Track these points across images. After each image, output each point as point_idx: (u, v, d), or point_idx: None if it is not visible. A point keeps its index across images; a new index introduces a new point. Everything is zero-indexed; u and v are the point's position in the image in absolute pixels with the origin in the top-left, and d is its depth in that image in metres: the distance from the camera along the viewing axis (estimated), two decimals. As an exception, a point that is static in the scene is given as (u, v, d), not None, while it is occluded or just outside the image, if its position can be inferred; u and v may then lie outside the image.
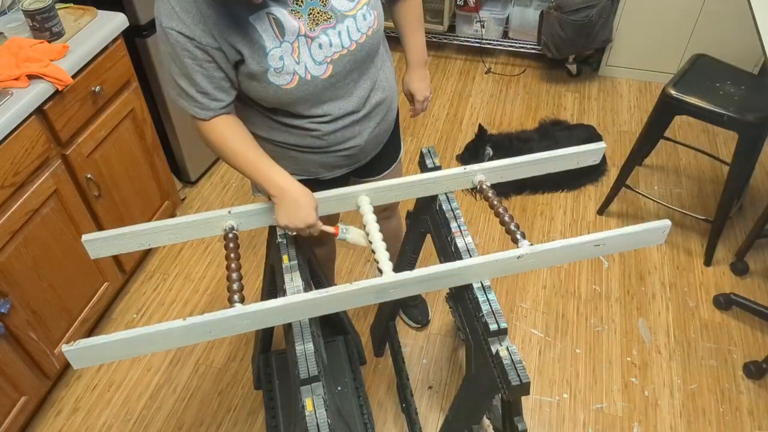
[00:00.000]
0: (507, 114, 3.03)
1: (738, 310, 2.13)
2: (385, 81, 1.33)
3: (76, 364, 0.99)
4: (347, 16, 1.15)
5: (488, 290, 1.12)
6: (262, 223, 1.23)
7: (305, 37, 1.12)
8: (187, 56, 1.06)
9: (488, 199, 1.25)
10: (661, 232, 1.18)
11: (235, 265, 1.10)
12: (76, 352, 0.97)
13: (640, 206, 2.52)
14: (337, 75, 1.19)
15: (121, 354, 1.00)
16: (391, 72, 1.39)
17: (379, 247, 1.13)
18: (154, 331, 0.98)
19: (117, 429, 1.86)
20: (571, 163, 1.35)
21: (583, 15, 2.87)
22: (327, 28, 1.13)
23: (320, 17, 1.12)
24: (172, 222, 1.17)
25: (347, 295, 1.06)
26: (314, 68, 1.15)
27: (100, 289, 2.01)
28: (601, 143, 1.34)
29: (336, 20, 1.14)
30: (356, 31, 1.17)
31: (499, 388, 1.07)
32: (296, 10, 1.10)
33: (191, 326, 0.99)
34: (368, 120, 1.32)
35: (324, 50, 1.14)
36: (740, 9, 2.73)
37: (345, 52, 1.17)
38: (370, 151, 1.41)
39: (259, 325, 1.06)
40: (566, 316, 2.14)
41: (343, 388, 1.73)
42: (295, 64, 1.13)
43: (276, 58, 1.10)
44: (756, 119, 1.92)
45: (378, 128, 1.37)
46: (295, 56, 1.12)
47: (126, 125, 1.99)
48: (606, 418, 1.86)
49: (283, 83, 1.13)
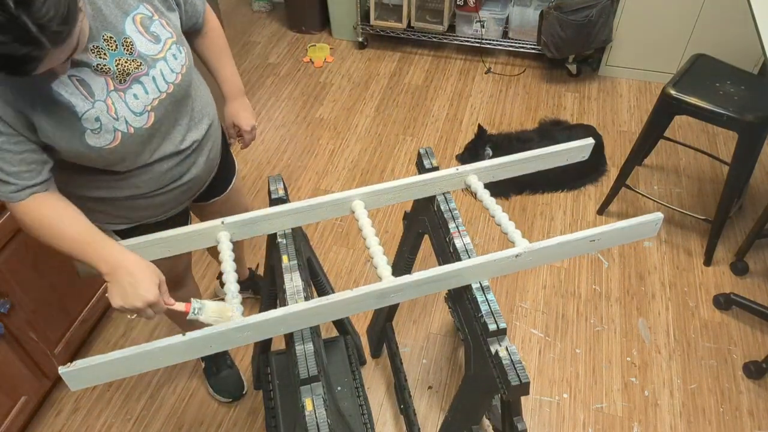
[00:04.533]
0: (507, 114, 3.03)
1: (738, 310, 2.13)
2: (206, 106, 1.30)
3: (73, 386, 0.95)
4: (157, 59, 1.10)
5: (487, 290, 1.12)
6: (256, 232, 1.22)
7: (116, 91, 1.06)
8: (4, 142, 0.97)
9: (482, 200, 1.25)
10: (653, 224, 1.20)
11: (232, 277, 1.09)
12: (74, 374, 0.94)
13: (640, 206, 2.52)
14: (160, 120, 1.14)
15: (120, 373, 0.97)
16: (207, 93, 1.33)
17: (377, 252, 1.13)
18: (153, 348, 0.95)
19: (117, 429, 1.86)
20: (560, 159, 1.37)
21: (583, 15, 2.87)
22: (139, 76, 1.08)
23: (130, 66, 1.06)
24: (164, 235, 1.14)
25: (348, 302, 1.06)
26: (135, 120, 1.09)
27: (100, 289, 2.01)
28: (589, 139, 1.36)
29: (147, 66, 1.08)
30: (170, 73, 1.12)
31: (499, 388, 1.07)
32: (102, 65, 1.03)
33: (191, 341, 0.97)
34: (201, 149, 1.29)
35: (141, 100, 1.09)
36: (740, 9, 2.73)
37: (164, 96, 1.12)
38: (207, 177, 1.38)
39: (260, 336, 1.04)
40: (566, 316, 2.14)
41: (343, 388, 1.73)
42: (114, 121, 1.06)
43: (92, 120, 1.04)
44: (756, 119, 1.92)
45: (212, 152, 1.34)
46: (112, 113, 1.06)
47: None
48: (606, 418, 1.86)
49: (104, 144, 1.06)
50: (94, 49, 1.02)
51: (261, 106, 3.11)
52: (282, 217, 1.22)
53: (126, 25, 1.05)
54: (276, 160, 2.78)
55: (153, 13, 1.10)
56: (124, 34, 1.05)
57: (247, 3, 3.92)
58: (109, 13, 1.04)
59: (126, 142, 1.09)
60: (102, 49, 1.03)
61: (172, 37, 1.12)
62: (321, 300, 1.04)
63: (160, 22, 1.11)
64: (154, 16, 1.10)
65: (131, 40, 1.06)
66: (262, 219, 1.20)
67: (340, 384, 1.74)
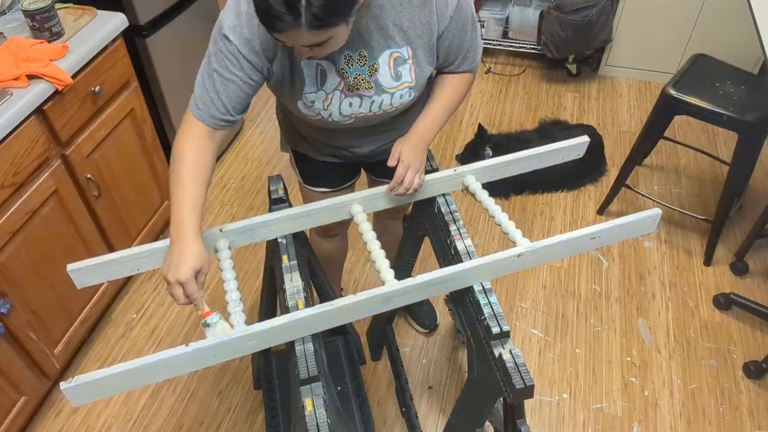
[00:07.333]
0: (507, 114, 3.03)
1: (738, 310, 2.13)
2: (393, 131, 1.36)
3: (75, 402, 0.93)
4: (386, 91, 1.19)
5: (489, 293, 1.12)
6: (255, 239, 1.21)
7: (341, 92, 1.17)
8: (230, 64, 1.08)
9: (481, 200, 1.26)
10: (652, 220, 1.21)
11: (232, 285, 1.08)
12: (76, 389, 0.91)
13: (640, 206, 2.52)
14: (356, 126, 1.26)
15: (124, 386, 0.95)
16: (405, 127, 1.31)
17: (378, 256, 1.13)
18: (156, 360, 0.94)
19: (117, 429, 1.86)
20: (556, 158, 1.38)
21: (583, 15, 2.87)
22: (364, 95, 1.19)
23: (362, 84, 1.17)
24: (161, 245, 1.13)
25: (352, 306, 1.05)
26: (339, 117, 1.21)
27: (100, 289, 2.01)
28: (584, 137, 1.37)
29: (374, 92, 1.19)
30: (389, 105, 1.22)
31: (503, 391, 1.07)
32: (344, 70, 1.15)
33: (195, 352, 0.96)
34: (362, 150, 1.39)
35: (353, 109, 1.20)
36: (740, 9, 2.73)
37: (371, 115, 1.23)
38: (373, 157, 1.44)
39: (265, 345, 1.04)
40: (566, 316, 2.14)
41: (343, 388, 1.73)
42: (323, 110, 1.19)
43: (309, 99, 1.17)
44: (756, 119, 1.92)
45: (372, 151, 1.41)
46: (326, 104, 1.18)
47: (126, 125, 1.98)
48: (606, 418, 1.86)
49: (308, 114, 1.21)
50: (347, 57, 1.14)
51: (261, 106, 3.10)
52: (280, 223, 1.22)
53: (381, 56, 1.15)
54: (276, 160, 2.78)
55: (409, 58, 1.17)
56: (375, 60, 1.15)
57: (246, 2, 3.91)
58: (375, 40, 1.13)
59: (321, 122, 1.24)
60: (352, 60, 1.15)
61: (411, 82, 1.20)
62: (325, 306, 1.04)
63: (410, 67, 1.18)
64: (408, 61, 1.17)
65: (377, 67, 1.16)
66: (261, 225, 1.20)
67: (340, 384, 1.74)
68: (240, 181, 2.67)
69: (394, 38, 1.14)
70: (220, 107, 1.11)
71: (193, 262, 1.02)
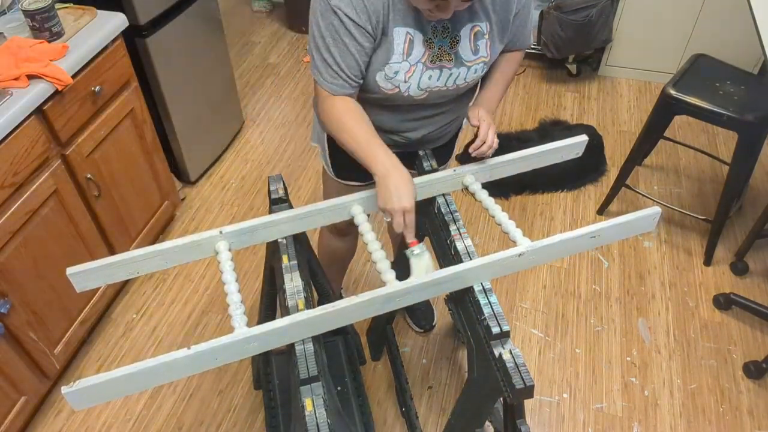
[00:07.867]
0: (507, 114, 3.03)
1: (738, 310, 2.13)
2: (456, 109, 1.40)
3: (77, 406, 0.93)
4: (464, 65, 1.23)
5: (489, 293, 1.12)
6: (255, 240, 1.21)
7: (423, 64, 1.20)
8: (347, 36, 1.13)
9: (481, 200, 1.26)
10: (651, 219, 1.21)
11: (233, 287, 1.08)
12: (77, 394, 0.91)
13: (639, 206, 2.52)
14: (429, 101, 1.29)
15: (125, 390, 0.95)
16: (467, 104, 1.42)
17: (380, 257, 1.13)
18: (158, 363, 0.94)
19: (117, 429, 1.86)
20: (554, 157, 1.38)
21: (583, 15, 2.87)
22: (444, 66, 1.22)
23: (444, 56, 1.21)
24: (161, 247, 1.13)
25: (354, 308, 1.05)
26: (416, 92, 1.24)
27: (100, 290, 2.01)
28: (583, 136, 1.37)
29: (454, 64, 1.22)
30: (463, 80, 1.26)
31: (503, 391, 1.07)
32: (431, 40, 1.18)
33: (196, 355, 0.96)
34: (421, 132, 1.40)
35: (431, 81, 1.23)
36: (740, 9, 2.73)
37: (445, 90, 1.26)
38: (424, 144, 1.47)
39: (267, 347, 1.04)
40: (566, 316, 2.14)
41: (343, 388, 1.73)
42: (402, 82, 1.21)
43: (392, 69, 1.19)
44: (756, 119, 1.92)
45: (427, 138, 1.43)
46: (408, 75, 1.21)
47: (126, 125, 1.98)
48: (606, 417, 1.86)
49: (384, 87, 1.22)
50: (433, 27, 1.18)
51: (261, 106, 3.11)
52: (280, 224, 1.22)
53: (464, 29, 1.20)
54: (276, 160, 2.78)
55: (486, 33, 1.22)
56: (458, 33, 1.20)
57: (247, 3, 3.91)
58: (460, 13, 1.17)
59: (393, 98, 1.26)
60: (437, 31, 1.18)
61: (486, 57, 1.25)
62: (327, 308, 1.04)
63: (486, 42, 1.23)
64: (485, 36, 1.23)
65: (459, 39, 1.20)
66: (261, 227, 1.20)
67: (340, 384, 1.74)
68: (240, 181, 2.67)
69: (477, 12, 1.19)
70: (344, 77, 1.17)
71: (414, 191, 1.13)
